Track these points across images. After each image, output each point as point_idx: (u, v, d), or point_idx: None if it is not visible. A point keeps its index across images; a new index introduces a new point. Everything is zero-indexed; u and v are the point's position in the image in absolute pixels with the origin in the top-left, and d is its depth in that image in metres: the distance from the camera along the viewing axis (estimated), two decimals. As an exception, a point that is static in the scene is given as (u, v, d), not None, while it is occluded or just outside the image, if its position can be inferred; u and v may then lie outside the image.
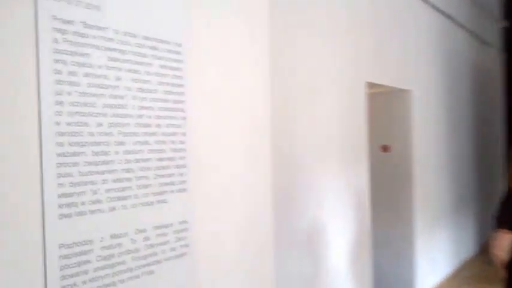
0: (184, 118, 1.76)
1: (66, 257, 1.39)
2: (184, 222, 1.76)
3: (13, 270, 1.28)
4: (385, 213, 4.33)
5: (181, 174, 1.75)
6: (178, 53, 1.75)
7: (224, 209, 1.93)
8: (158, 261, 1.66)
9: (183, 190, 1.76)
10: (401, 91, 4.29)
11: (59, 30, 1.40)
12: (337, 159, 3.25)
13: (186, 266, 1.75)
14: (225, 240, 1.93)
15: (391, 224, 4.37)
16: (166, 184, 1.70)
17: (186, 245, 1.76)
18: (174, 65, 1.74)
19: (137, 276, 1.59)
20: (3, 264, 1.25)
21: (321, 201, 3.04)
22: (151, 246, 1.64)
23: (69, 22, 1.43)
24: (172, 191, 1.71)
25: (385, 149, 4.39)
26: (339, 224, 3.27)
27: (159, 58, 1.68)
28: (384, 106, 4.39)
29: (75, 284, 1.41)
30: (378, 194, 4.10)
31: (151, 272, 1.63)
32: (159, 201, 1.67)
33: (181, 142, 1.75)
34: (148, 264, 1.62)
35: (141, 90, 1.62)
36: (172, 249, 1.71)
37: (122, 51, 1.57)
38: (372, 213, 3.72)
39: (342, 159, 3.30)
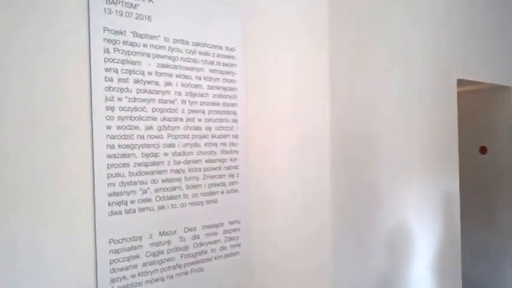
0: (236, 121, 1.80)
1: (115, 251, 1.50)
2: (236, 222, 1.80)
3: (68, 262, 1.41)
4: (480, 221, 3.98)
5: (232, 176, 1.79)
6: (231, 57, 1.79)
7: (280, 211, 1.93)
8: (208, 259, 1.72)
9: (235, 191, 1.79)
10: (501, 88, 3.91)
11: (110, 41, 1.51)
12: (422, 162, 3.06)
13: (237, 265, 1.79)
14: (280, 241, 1.93)
15: (486, 233, 4.00)
16: (217, 185, 1.74)
17: (238, 245, 1.80)
18: (226, 69, 1.78)
19: (186, 273, 1.66)
20: (59, 257, 1.39)
21: (403, 207, 2.90)
22: (201, 244, 1.70)
23: (120, 33, 1.53)
24: (222, 192, 1.76)
25: (483, 150, 4.03)
26: (424, 231, 3.09)
27: (210, 63, 1.73)
28: (481, 104, 4.03)
29: (124, 277, 1.52)
30: (472, 199, 3.79)
31: (200, 270, 1.70)
32: (208, 201, 1.72)
33: (233, 144, 1.79)
34: (197, 262, 1.69)
35: (191, 94, 1.68)
36: (223, 248, 1.76)
37: (173, 58, 1.64)
38: (464, 221, 3.46)
39: (428, 162, 3.11)
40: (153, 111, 1.59)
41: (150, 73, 1.59)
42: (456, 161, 3.36)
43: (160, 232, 1.60)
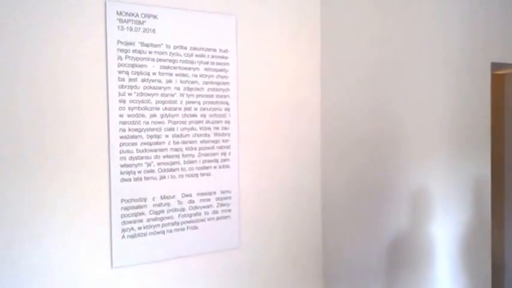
0: (228, 109, 2.21)
1: (126, 208, 2.02)
2: (227, 192, 2.23)
3: (91, 216, 1.95)
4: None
5: (224, 154, 2.21)
6: (224, 57, 2.20)
7: (269, 182, 2.32)
8: (202, 220, 2.17)
9: (227, 166, 2.22)
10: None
11: (122, 50, 2.00)
12: (448, 148, 3.16)
13: (228, 226, 2.23)
14: (267, 207, 2.32)
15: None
16: (210, 161, 2.18)
17: (229, 210, 2.23)
18: (220, 67, 2.19)
19: (182, 229, 2.13)
20: (85, 212, 1.93)
21: (425, 193, 3.05)
22: (196, 207, 2.16)
23: (130, 43, 2.02)
24: (215, 167, 2.19)
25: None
26: (450, 217, 3.22)
27: (205, 63, 2.16)
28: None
29: (132, 228, 2.03)
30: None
31: (195, 227, 2.16)
32: (202, 174, 2.17)
33: (225, 128, 2.21)
34: (192, 221, 2.15)
35: (189, 89, 2.13)
36: (215, 212, 2.20)
37: (173, 61, 2.10)
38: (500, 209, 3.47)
39: (455, 148, 3.20)
40: (156, 103, 2.07)
41: (154, 73, 2.06)
42: (488, 145, 3.38)
43: (161, 196, 2.09)
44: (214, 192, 2.21)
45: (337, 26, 2.67)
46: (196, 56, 2.15)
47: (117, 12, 1.99)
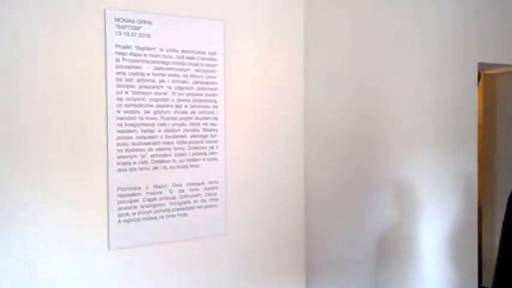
0: (216, 107, 2.43)
1: (121, 196, 2.23)
2: (215, 182, 2.44)
3: (90, 202, 2.17)
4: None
5: (212, 148, 2.43)
6: (212, 59, 2.42)
7: (254, 174, 2.53)
8: (191, 208, 2.39)
9: (214, 159, 2.43)
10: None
11: (120, 53, 2.22)
12: (434, 144, 3.34)
13: (215, 214, 2.44)
14: (252, 197, 2.53)
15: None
16: (199, 154, 2.40)
17: (216, 199, 2.45)
18: (208, 68, 2.41)
19: (173, 216, 2.35)
20: (85, 198, 2.15)
21: (411, 188, 3.23)
22: (186, 196, 2.37)
23: (127, 47, 2.23)
24: (204, 159, 2.41)
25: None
26: (438, 209, 3.40)
27: (195, 64, 2.38)
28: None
29: (127, 214, 2.24)
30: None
31: (185, 214, 2.37)
32: (192, 166, 2.38)
33: (213, 124, 2.43)
34: (182, 209, 2.37)
35: (180, 88, 2.34)
36: (203, 200, 2.42)
37: (165, 62, 2.31)
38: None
39: (442, 145, 3.38)
40: (150, 100, 2.28)
41: (148, 74, 2.28)
42: (475, 141, 3.57)
43: (154, 185, 2.30)
44: (203, 183, 2.42)
45: (320, 29, 2.88)
46: (187, 58, 2.36)
47: (116, 18, 2.20)
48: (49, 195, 2.07)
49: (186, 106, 2.37)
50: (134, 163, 2.26)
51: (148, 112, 2.28)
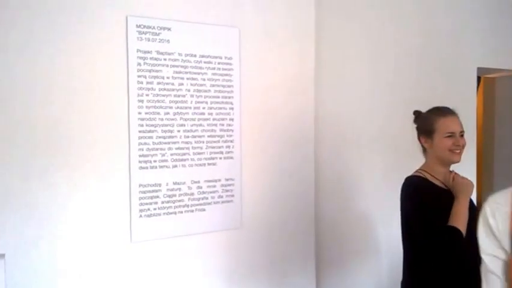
0: (232, 108, 2.56)
1: (143, 192, 2.38)
2: (231, 179, 2.57)
3: (113, 198, 2.32)
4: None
5: (228, 147, 2.56)
6: (229, 64, 2.55)
7: (268, 171, 2.66)
8: (209, 203, 2.52)
9: (230, 157, 2.57)
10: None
11: (141, 58, 2.36)
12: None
13: (231, 209, 2.57)
14: (266, 194, 2.66)
15: None
16: (216, 153, 2.53)
17: (232, 195, 2.58)
18: (225, 72, 2.54)
19: (192, 211, 2.48)
20: (109, 195, 2.30)
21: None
22: (203, 193, 2.51)
23: (148, 52, 2.37)
24: (220, 158, 2.54)
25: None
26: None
27: (212, 68, 2.51)
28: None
29: (148, 209, 2.39)
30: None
31: (203, 210, 2.51)
32: (209, 164, 2.52)
33: (229, 125, 2.56)
34: (200, 204, 2.50)
35: (198, 90, 2.48)
36: (220, 196, 2.55)
37: (184, 66, 2.45)
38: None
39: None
40: (169, 102, 2.42)
41: (168, 77, 2.41)
42: (473, 143, 3.60)
43: (173, 182, 2.44)
44: (220, 180, 2.56)
45: (331, 33, 2.99)
46: (205, 62, 2.50)
47: (137, 25, 2.34)
48: (75, 192, 2.22)
49: (203, 108, 2.50)
50: (155, 161, 2.40)
51: (168, 113, 2.42)
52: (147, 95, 2.37)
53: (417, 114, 2.19)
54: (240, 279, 2.63)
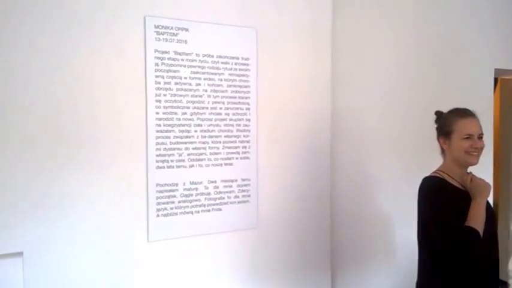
0: (248, 109, 2.56)
1: (160, 191, 2.39)
2: (247, 179, 2.58)
3: (130, 197, 2.34)
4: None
5: (245, 147, 2.56)
6: (245, 64, 2.55)
7: (284, 172, 2.66)
8: (225, 203, 2.53)
9: (247, 158, 2.57)
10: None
11: (159, 58, 2.37)
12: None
13: (247, 209, 2.58)
14: (282, 194, 2.66)
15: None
16: (232, 153, 2.54)
17: (248, 195, 2.58)
18: (242, 72, 2.54)
19: (208, 211, 2.49)
20: (126, 194, 2.31)
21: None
22: (220, 192, 2.52)
23: (166, 52, 2.39)
24: (237, 158, 2.55)
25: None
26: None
27: (229, 69, 2.51)
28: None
29: (165, 209, 2.40)
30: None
31: (219, 209, 2.52)
32: (226, 164, 2.52)
33: (246, 125, 2.56)
34: (217, 204, 2.51)
35: (215, 91, 2.49)
36: (236, 196, 2.56)
37: (201, 67, 2.46)
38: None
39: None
40: (187, 102, 2.43)
41: (185, 78, 2.43)
42: (490, 144, 3.58)
43: (190, 182, 2.45)
44: (236, 180, 2.56)
45: (348, 34, 2.98)
46: (222, 63, 2.50)
47: (155, 26, 2.36)
48: (93, 190, 2.24)
49: (220, 108, 2.51)
50: (172, 161, 2.41)
51: (185, 113, 2.43)
52: (164, 95, 2.39)
53: (439, 114, 2.19)
54: (255, 279, 2.63)
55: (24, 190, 2.09)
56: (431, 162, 2.22)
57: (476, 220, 1.90)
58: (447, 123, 2.11)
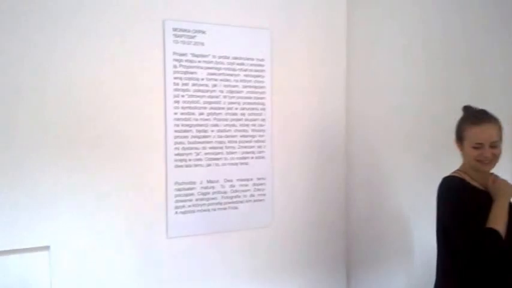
0: (264, 109, 2.63)
1: (178, 189, 2.46)
2: (262, 178, 2.64)
3: (150, 195, 2.41)
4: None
5: (260, 147, 2.63)
6: (260, 65, 2.62)
7: (299, 171, 2.72)
8: (241, 201, 2.60)
9: (262, 157, 2.63)
10: None
11: (177, 60, 2.45)
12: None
13: (262, 207, 2.64)
14: (296, 193, 2.72)
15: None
16: (248, 152, 2.60)
17: (263, 194, 2.65)
18: (257, 73, 2.61)
19: (224, 209, 2.56)
20: (146, 191, 2.39)
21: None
22: (236, 191, 2.58)
23: (183, 54, 2.46)
24: (252, 157, 2.61)
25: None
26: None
27: (245, 70, 2.58)
28: None
29: (183, 206, 2.47)
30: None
31: (235, 207, 2.58)
32: (242, 163, 2.59)
33: (261, 125, 2.63)
34: (233, 202, 2.58)
35: (231, 91, 2.55)
36: (252, 195, 2.62)
37: (218, 68, 2.53)
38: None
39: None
40: (204, 103, 2.50)
41: (202, 79, 2.50)
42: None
43: (207, 180, 2.52)
44: (252, 179, 2.63)
45: (361, 37, 3.03)
46: (237, 64, 2.58)
47: (173, 29, 2.44)
48: (116, 188, 2.32)
49: (236, 108, 2.58)
50: (190, 160, 2.49)
51: (202, 114, 2.50)
52: (182, 96, 2.46)
53: (465, 110, 2.09)
54: (270, 277, 2.69)
55: (52, 187, 2.18)
56: (449, 163, 2.24)
57: (498, 221, 1.87)
58: (460, 127, 2.04)
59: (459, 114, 2.48)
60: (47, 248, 2.14)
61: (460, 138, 2.03)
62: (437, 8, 3.33)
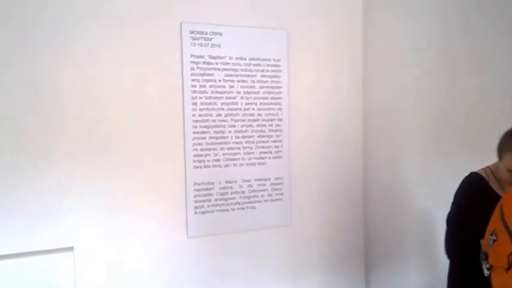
0: (280, 109, 2.65)
1: (197, 190, 2.50)
2: (280, 178, 2.66)
3: (171, 195, 2.45)
4: None
5: (277, 147, 2.65)
6: (277, 66, 2.64)
7: (316, 170, 2.74)
8: (259, 201, 2.62)
9: (279, 157, 2.65)
10: None
11: (194, 62, 2.48)
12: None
13: (280, 207, 2.66)
14: (313, 193, 2.74)
15: None
16: (265, 153, 2.63)
17: (281, 194, 2.67)
18: (273, 74, 2.63)
19: (242, 208, 2.59)
20: (167, 192, 2.43)
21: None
22: (254, 191, 2.61)
23: (200, 57, 2.49)
24: (269, 158, 2.63)
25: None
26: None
27: (261, 71, 2.60)
28: None
29: (202, 206, 2.51)
30: None
31: (253, 207, 2.61)
32: (259, 163, 2.61)
33: (278, 125, 2.64)
34: (251, 202, 2.60)
35: (247, 92, 2.58)
36: (270, 195, 2.64)
37: (235, 70, 2.55)
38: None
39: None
40: (221, 104, 2.53)
41: (219, 80, 2.53)
42: None
43: (226, 181, 2.55)
44: (269, 179, 2.65)
45: (378, 35, 3.02)
46: (254, 65, 2.60)
47: (190, 31, 2.47)
48: (136, 190, 2.36)
49: (253, 109, 2.60)
50: (208, 161, 2.52)
51: (219, 115, 2.53)
52: (200, 97, 2.49)
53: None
54: (288, 276, 2.72)
55: (76, 190, 2.23)
56: (467, 162, 2.23)
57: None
58: (501, 146, 1.93)
59: (473, 114, 2.46)
60: (71, 248, 2.20)
61: (498, 153, 1.94)
62: (456, 9, 3.30)
